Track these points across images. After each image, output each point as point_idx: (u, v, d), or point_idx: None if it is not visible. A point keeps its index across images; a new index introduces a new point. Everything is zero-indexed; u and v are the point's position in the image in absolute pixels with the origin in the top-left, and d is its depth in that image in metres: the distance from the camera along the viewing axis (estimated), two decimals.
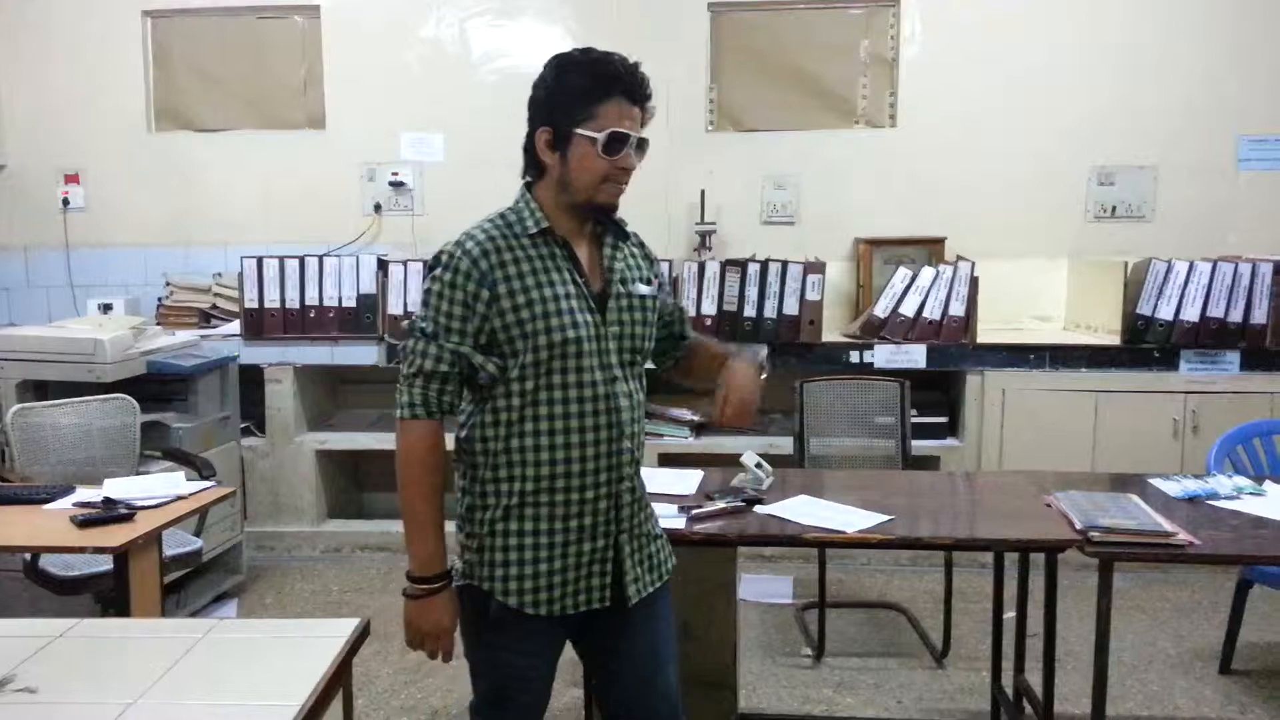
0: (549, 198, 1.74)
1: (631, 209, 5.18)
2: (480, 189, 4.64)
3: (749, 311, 4.12)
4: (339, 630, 1.51)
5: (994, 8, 4.44)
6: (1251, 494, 2.58)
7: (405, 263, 4.28)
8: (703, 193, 4.52)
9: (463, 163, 4.65)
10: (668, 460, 4.05)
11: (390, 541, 4.38)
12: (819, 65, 4.58)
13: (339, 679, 1.44)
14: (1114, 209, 4.46)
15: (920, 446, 4.04)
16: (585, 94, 1.68)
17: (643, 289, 1.81)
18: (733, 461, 2.72)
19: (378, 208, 4.69)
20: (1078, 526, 2.29)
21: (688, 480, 2.72)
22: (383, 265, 4.29)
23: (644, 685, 1.85)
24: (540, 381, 1.69)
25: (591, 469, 1.73)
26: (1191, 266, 3.90)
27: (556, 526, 1.73)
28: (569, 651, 1.86)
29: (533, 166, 1.77)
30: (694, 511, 2.44)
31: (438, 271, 1.70)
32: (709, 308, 4.13)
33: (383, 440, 4.41)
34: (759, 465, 2.71)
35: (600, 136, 1.67)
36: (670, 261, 4.20)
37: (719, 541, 2.36)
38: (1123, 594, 3.76)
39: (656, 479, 2.73)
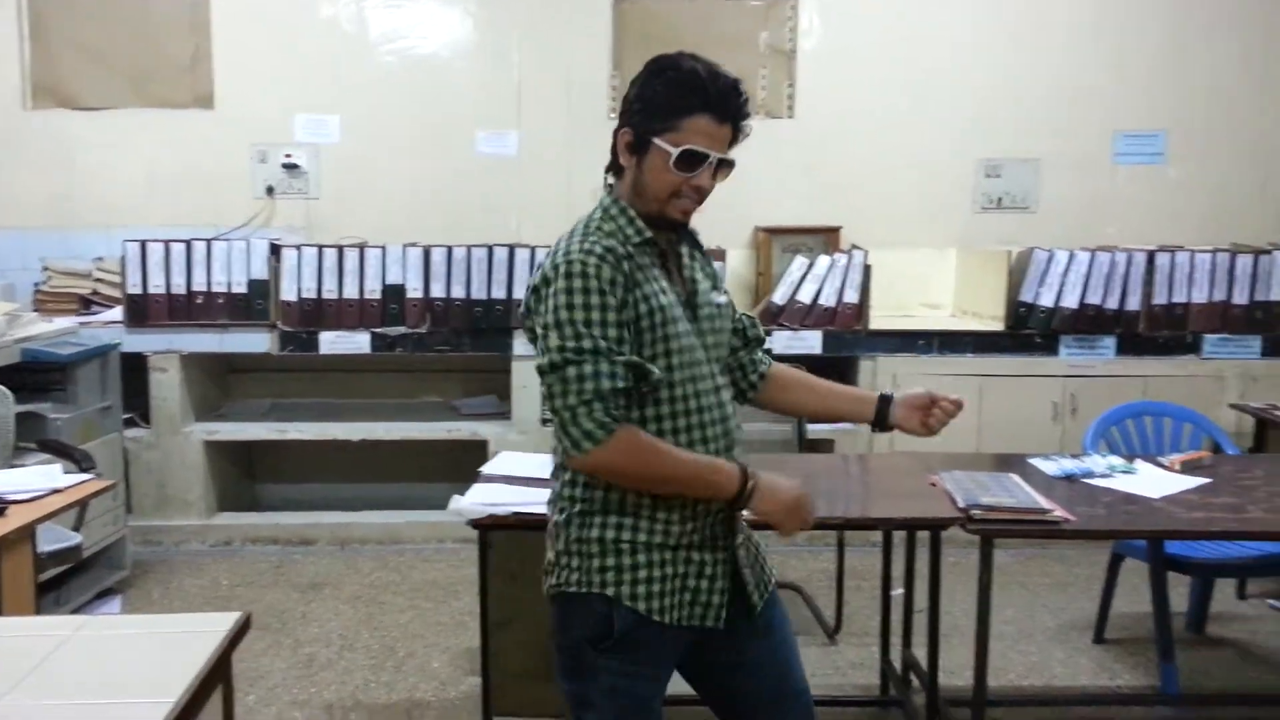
0: (630, 204, 1.69)
1: (532, 197, 5.17)
2: (378, 172, 4.60)
3: None
4: (217, 624, 1.47)
5: (890, 4, 4.55)
6: (1123, 472, 2.71)
7: (299, 247, 4.17)
8: (606, 179, 4.51)
9: (360, 145, 4.55)
10: None
11: (282, 533, 4.29)
12: (720, 56, 4.45)
13: (217, 674, 1.40)
14: (1000, 200, 4.63)
15: (817, 430, 4.13)
16: (670, 104, 1.63)
17: (719, 297, 1.79)
18: None
19: (270, 190, 4.56)
20: (960, 505, 2.38)
21: None
22: (275, 250, 4.17)
23: (779, 689, 1.77)
24: (673, 378, 1.63)
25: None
26: (1071, 256, 4.08)
27: (674, 530, 1.65)
28: None
29: (614, 165, 1.74)
30: None
31: (576, 282, 1.57)
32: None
33: (276, 430, 4.31)
34: None
35: (674, 151, 1.62)
36: None
37: None
38: (1005, 569, 3.92)
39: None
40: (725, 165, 1.68)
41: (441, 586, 3.82)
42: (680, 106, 1.62)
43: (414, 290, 4.15)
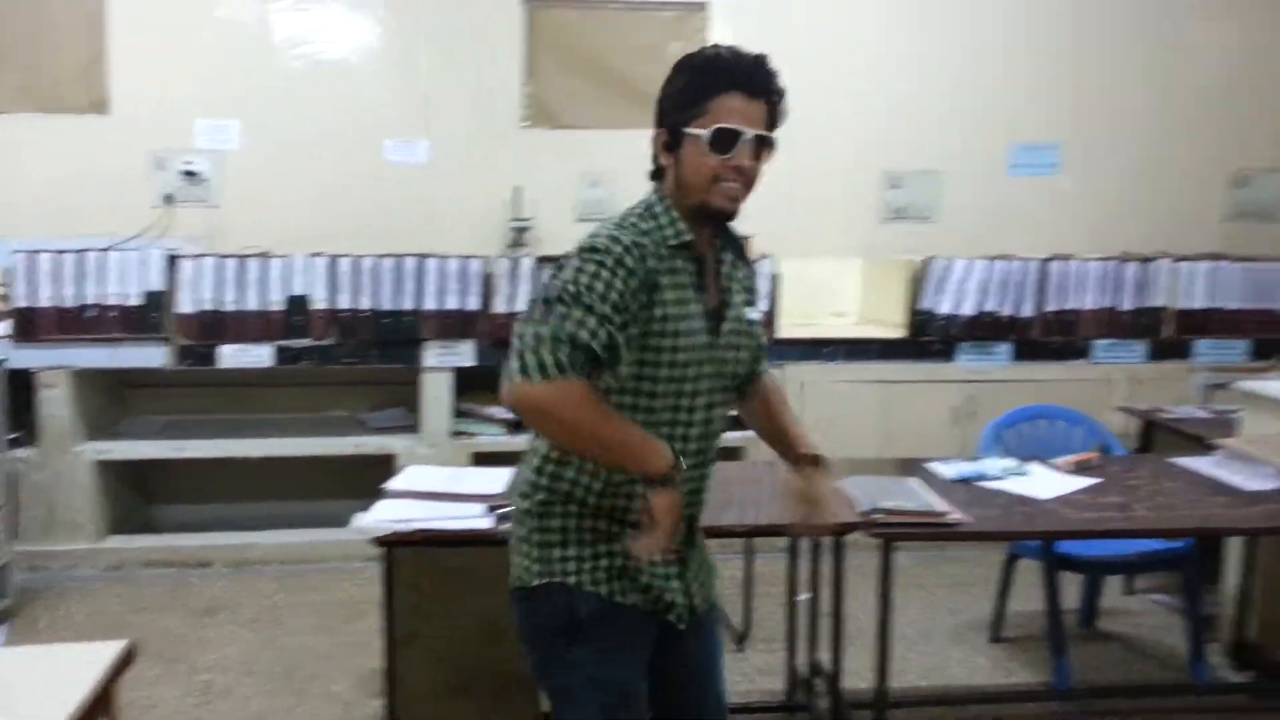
0: (674, 203, 1.65)
1: (443, 206, 5.11)
2: (282, 180, 4.49)
3: None
4: (100, 654, 1.42)
5: (798, 18, 4.63)
6: (1017, 475, 2.81)
7: (198, 257, 4.05)
8: (517, 188, 4.50)
9: (264, 152, 4.43)
10: (483, 459, 4.02)
11: (178, 555, 4.15)
12: (632, 66, 4.64)
13: (100, 707, 1.35)
14: (902, 211, 4.76)
15: (729, 437, 4.16)
16: (695, 90, 1.61)
17: (750, 313, 1.77)
18: None
19: (168, 199, 4.41)
20: (862, 510, 2.44)
21: (497, 479, 2.71)
22: (172, 260, 4.04)
23: (702, 692, 1.80)
24: (655, 389, 1.61)
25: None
26: (969, 265, 4.21)
27: (621, 529, 1.65)
28: None
29: (656, 170, 1.70)
30: (502, 510, 2.44)
31: (599, 255, 1.54)
32: (523, 305, 4.11)
33: (173, 448, 4.17)
34: None
35: (705, 133, 1.59)
36: (485, 258, 4.17)
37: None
38: (906, 572, 4.01)
39: (466, 479, 2.72)
40: (766, 144, 1.64)
41: (346, 606, 3.74)
42: (706, 89, 1.60)
43: (319, 301, 4.07)
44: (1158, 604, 3.78)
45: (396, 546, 2.33)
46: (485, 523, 2.38)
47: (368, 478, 2.86)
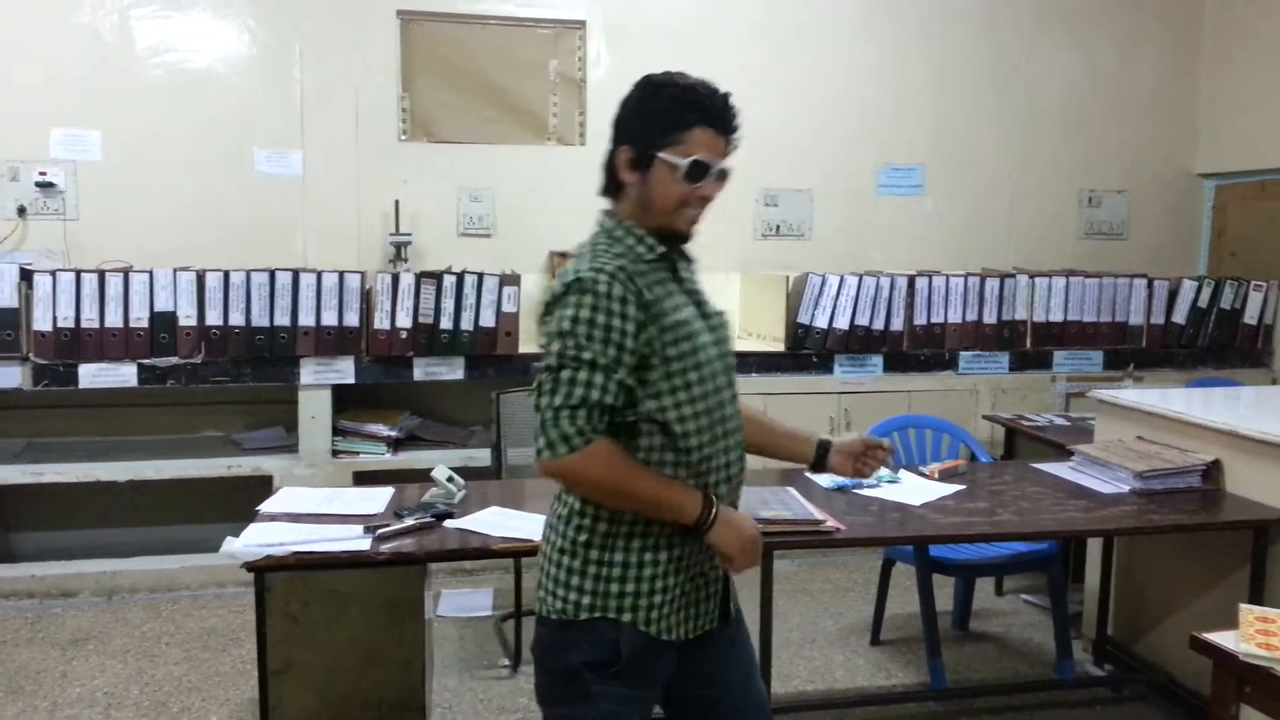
0: (634, 220, 1.69)
1: (319, 219, 4.98)
2: (146, 192, 4.30)
3: (445, 324, 4.08)
4: None
5: (673, 38, 4.71)
6: (890, 482, 2.91)
7: (55, 272, 3.83)
8: (397, 203, 4.43)
9: (125, 163, 4.24)
10: (364, 478, 3.92)
11: (40, 585, 3.90)
12: (511, 82, 4.64)
13: None
14: (778, 228, 4.88)
15: None
16: (672, 118, 1.66)
17: (717, 307, 1.82)
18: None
19: (21, 211, 4.17)
20: None
21: (376, 499, 2.66)
22: (27, 275, 3.81)
23: (744, 700, 1.83)
24: (678, 401, 1.64)
25: (723, 489, 1.71)
26: (842, 280, 4.35)
27: (677, 543, 1.68)
28: None
29: (611, 185, 1.73)
30: (380, 531, 2.39)
31: (586, 299, 1.57)
32: (404, 320, 4.04)
33: (31, 473, 3.93)
34: (450, 479, 2.70)
35: (682, 163, 1.65)
36: (362, 273, 4.08)
37: (406, 560, 2.33)
38: (790, 578, 4.12)
39: (343, 499, 2.66)
40: (724, 175, 1.72)
41: (221, 634, 3.59)
42: (682, 120, 1.66)
43: (187, 318, 3.90)
44: (1027, 604, 3.96)
45: (269, 571, 2.25)
46: (363, 544, 2.32)
47: (244, 500, 2.76)
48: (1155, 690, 3.17)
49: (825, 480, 2.90)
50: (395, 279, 4.05)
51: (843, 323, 4.35)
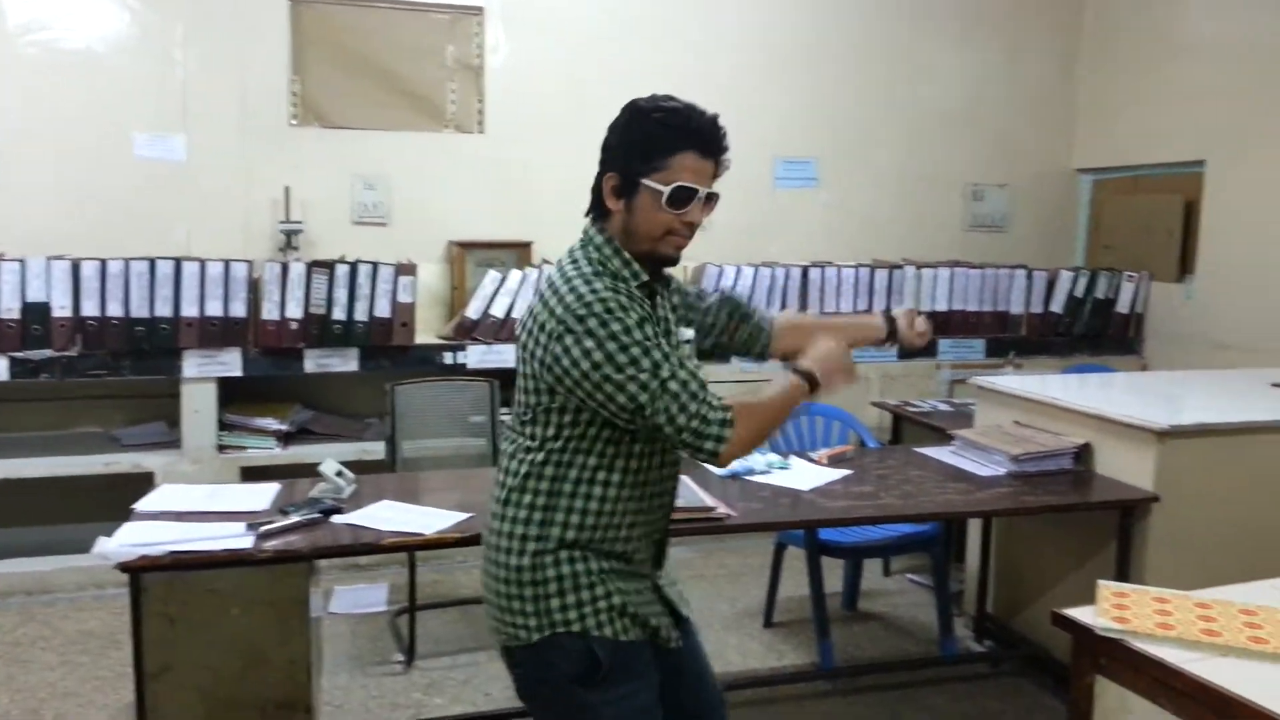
0: (622, 245, 1.70)
1: (203, 206, 4.81)
2: (17, 176, 4.08)
3: (338, 314, 3.99)
4: None
5: (574, 27, 4.69)
6: (780, 468, 2.97)
7: None
8: (287, 189, 4.31)
9: None
10: (252, 474, 3.82)
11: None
12: (407, 67, 4.55)
13: None
14: None
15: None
16: (656, 144, 1.65)
17: (686, 333, 1.85)
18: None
19: None
20: None
21: (261, 495, 2.59)
22: None
23: (700, 697, 1.90)
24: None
25: (658, 505, 1.78)
26: (739, 271, 4.41)
27: (623, 558, 1.72)
28: None
29: (597, 208, 1.73)
30: (264, 528, 2.33)
31: (607, 320, 1.58)
32: (294, 311, 3.94)
33: None
34: (339, 473, 2.64)
35: (665, 190, 1.64)
36: (249, 262, 3.96)
37: (290, 558, 2.27)
38: (688, 564, 4.18)
39: (226, 496, 2.58)
40: (711, 199, 1.71)
41: (99, 637, 3.45)
42: (667, 146, 1.65)
43: (61, 309, 3.72)
44: (913, 583, 4.10)
45: (145, 572, 2.17)
46: (245, 542, 2.26)
47: (123, 498, 2.64)
48: (1031, 664, 3.32)
49: (718, 469, 2.94)
50: (285, 268, 3.94)
51: None
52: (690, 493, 2.63)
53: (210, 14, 4.24)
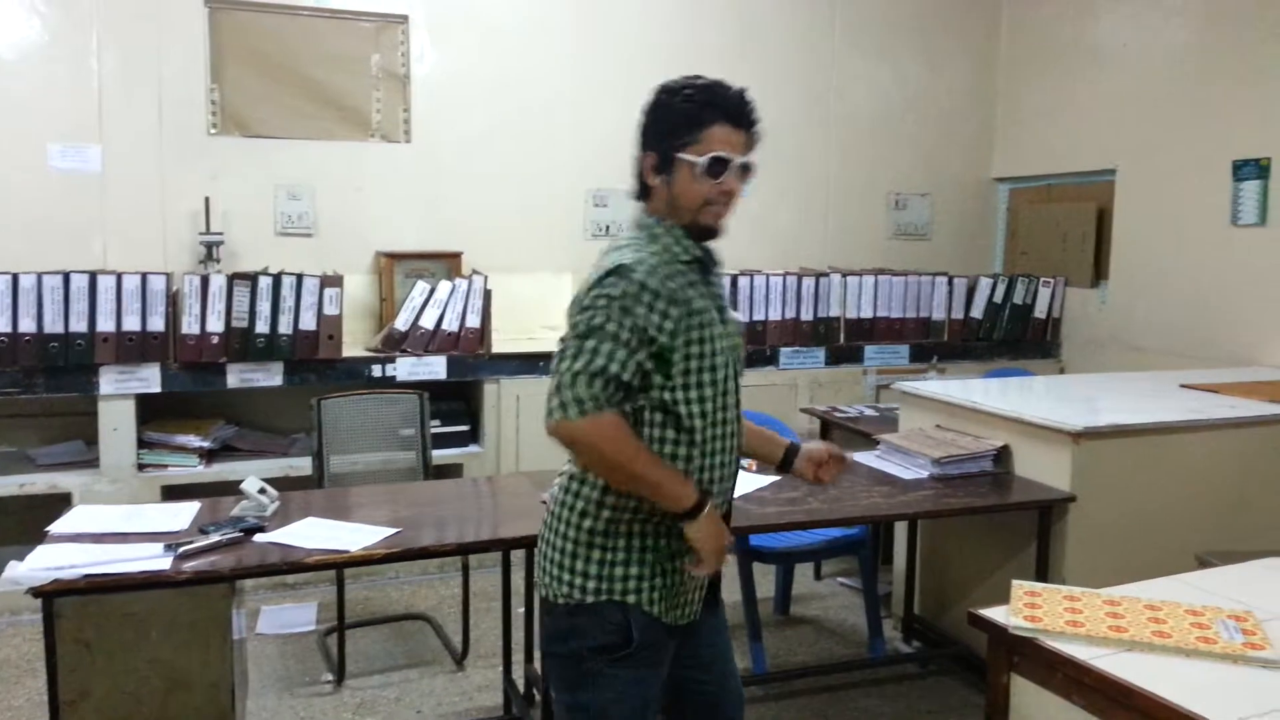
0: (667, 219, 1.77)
1: (120, 218, 4.70)
2: None
3: (261, 328, 3.92)
4: None
5: (503, 36, 4.68)
6: None
7: None
8: (207, 200, 4.22)
9: None
10: (174, 493, 3.72)
11: None
12: (331, 75, 4.49)
13: None
14: (608, 228, 4.94)
15: (445, 455, 4.15)
16: (688, 119, 1.74)
17: (735, 314, 1.90)
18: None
19: None
20: None
21: (180, 514, 2.53)
22: None
23: (724, 683, 1.96)
24: (689, 397, 1.73)
25: (719, 485, 1.81)
26: None
27: (672, 534, 1.76)
28: None
29: (642, 190, 1.81)
30: (182, 549, 2.27)
31: (624, 283, 1.66)
32: (215, 325, 3.85)
33: None
34: (262, 490, 2.60)
35: (701, 161, 1.72)
36: (168, 275, 3.86)
37: (210, 579, 2.22)
38: None
39: (144, 516, 2.51)
40: (746, 169, 1.79)
41: (14, 665, 3.33)
42: (698, 120, 1.75)
43: None
44: (843, 586, 4.16)
45: (58, 596, 2.10)
46: (163, 563, 2.21)
47: (39, 520, 2.56)
48: (957, 663, 3.40)
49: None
50: (205, 281, 3.86)
51: None
52: None
53: (125, 21, 4.14)
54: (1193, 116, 4.49)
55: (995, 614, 1.68)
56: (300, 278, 3.97)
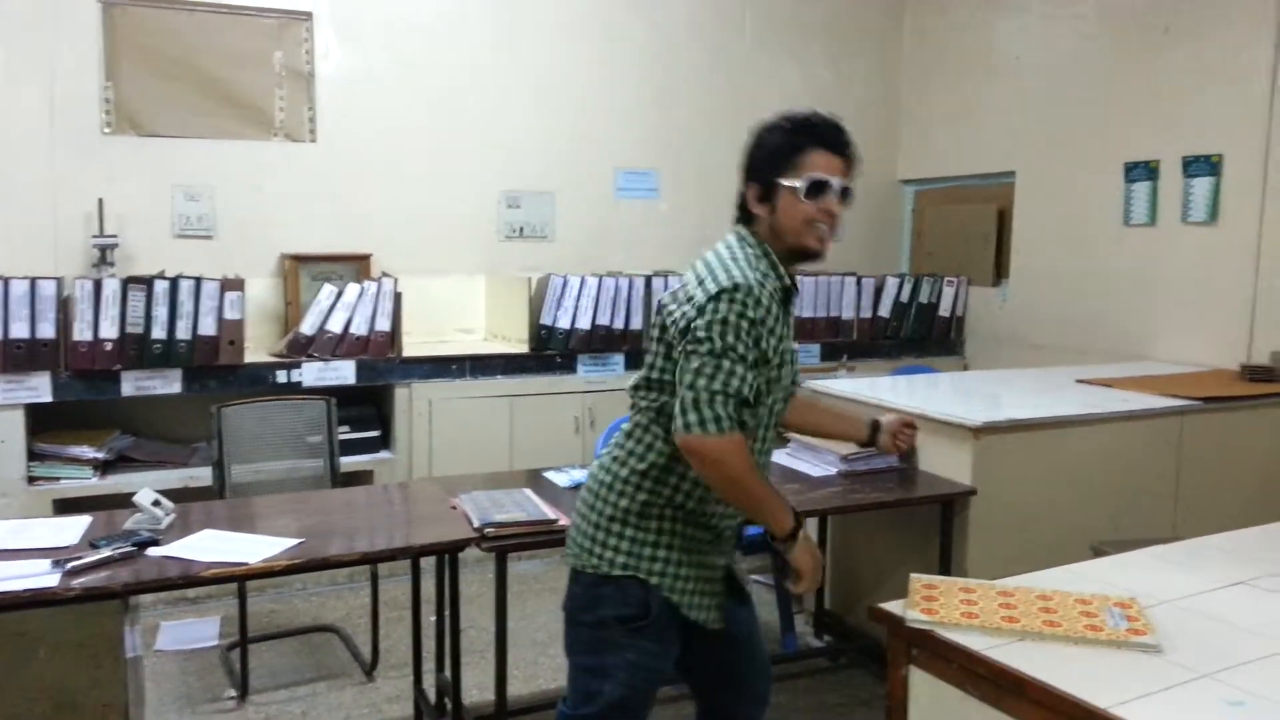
0: (772, 248, 1.91)
1: (8, 222, 4.51)
2: None
3: (158, 333, 3.78)
4: None
5: (410, 35, 4.61)
6: None
7: None
8: (100, 202, 4.06)
9: None
10: (67, 506, 3.56)
11: None
12: (231, 73, 4.36)
13: None
14: (522, 229, 4.91)
15: (355, 462, 4.07)
16: (786, 148, 1.87)
17: (794, 345, 2.02)
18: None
19: None
20: (475, 524, 2.47)
21: (70, 529, 2.42)
22: None
23: (749, 668, 2.11)
24: (758, 409, 1.88)
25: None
26: (583, 281, 4.43)
27: (709, 535, 1.94)
28: None
29: (744, 215, 1.96)
30: (70, 565, 2.18)
31: (749, 300, 1.79)
32: (109, 331, 3.70)
33: None
34: (156, 503, 2.50)
35: (801, 184, 1.85)
36: (59, 280, 3.70)
37: (101, 595, 2.13)
38: (538, 578, 4.16)
39: (31, 531, 2.40)
40: (846, 192, 1.90)
41: None
42: (795, 147, 1.87)
43: None
44: (758, 583, 4.20)
45: None
46: (51, 580, 2.10)
47: None
48: (865, 656, 3.46)
49: (562, 479, 2.95)
50: (98, 285, 3.71)
51: (584, 323, 4.43)
52: (532, 506, 2.62)
53: (14, 16, 3.96)
54: (1087, 121, 4.67)
55: (894, 608, 1.71)
56: (199, 281, 3.84)
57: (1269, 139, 3.97)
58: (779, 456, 3.28)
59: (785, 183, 1.87)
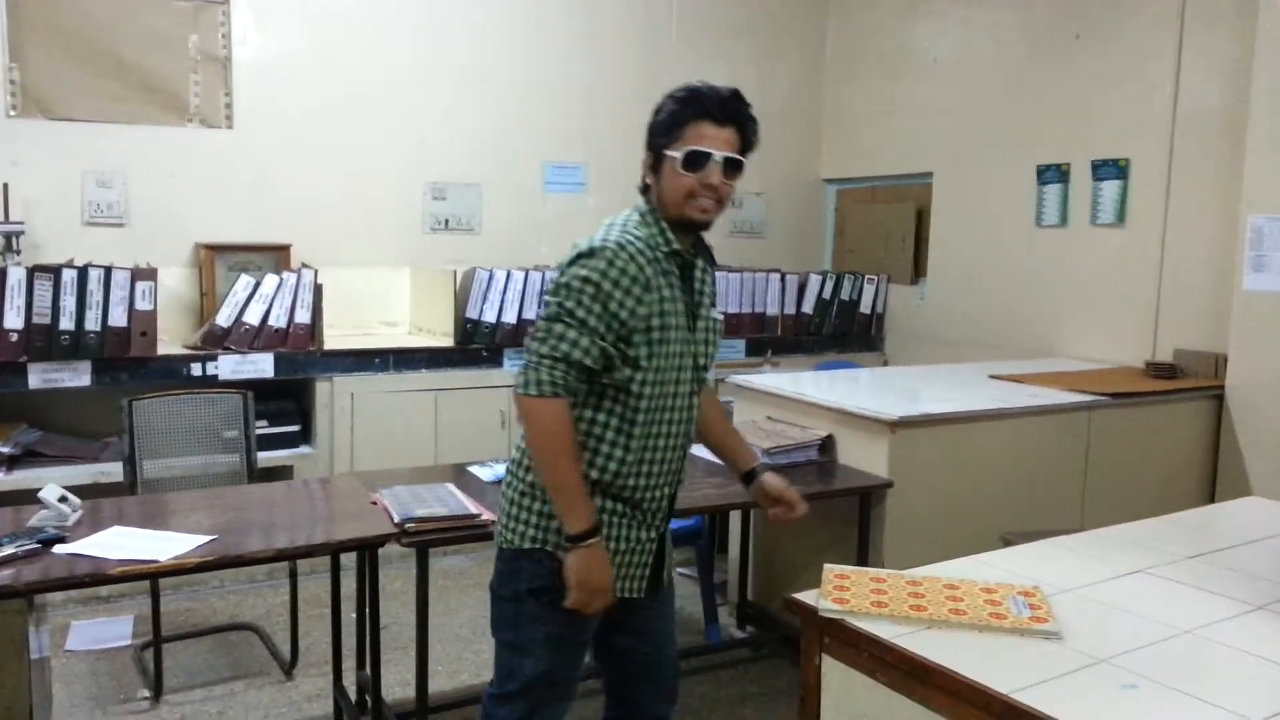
0: (661, 215, 1.89)
1: None
2: None
3: (66, 324, 3.65)
4: None
5: (330, 20, 4.53)
6: None
7: None
8: (5, 187, 3.90)
9: None
10: None
11: None
12: (144, 56, 4.23)
13: None
14: (447, 222, 4.86)
15: (274, 457, 3.99)
16: (672, 118, 1.87)
17: (716, 314, 2.02)
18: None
19: None
20: (396, 520, 2.45)
21: None
22: None
23: (658, 655, 2.09)
24: (646, 382, 1.86)
25: (660, 468, 1.94)
26: (509, 275, 4.41)
27: (627, 510, 1.93)
28: None
29: (644, 187, 1.94)
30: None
31: (599, 264, 1.78)
32: (14, 321, 3.56)
33: None
34: (63, 499, 2.43)
35: (679, 154, 1.84)
36: None
37: (3, 594, 2.06)
38: (464, 574, 4.14)
39: None
40: (733, 165, 1.88)
41: None
42: (680, 118, 1.87)
43: None
44: (683, 576, 4.24)
45: None
46: None
47: None
48: (788, 646, 3.52)
49: (486, 473, 2.94)
50: (3, 274, 3.57)
51: (510, 317, 4.41)
52: (454, 501, 2.61)
53: None
54: (1002, 124, 4.80)
55: (807, 598, 1.75)
56: (109, 270, 3.72)
57: (1173, 144, 4.14)
58: (704, 451, 3.30)
59: (668, 153, 1.88)
